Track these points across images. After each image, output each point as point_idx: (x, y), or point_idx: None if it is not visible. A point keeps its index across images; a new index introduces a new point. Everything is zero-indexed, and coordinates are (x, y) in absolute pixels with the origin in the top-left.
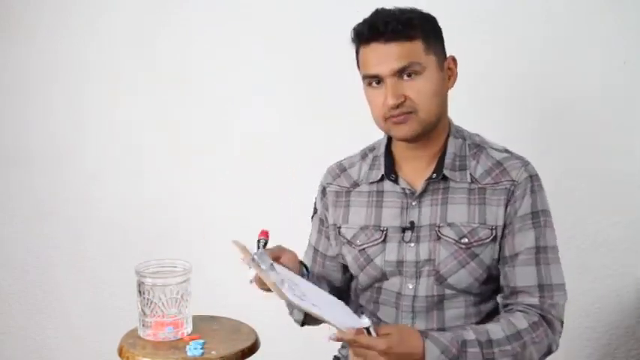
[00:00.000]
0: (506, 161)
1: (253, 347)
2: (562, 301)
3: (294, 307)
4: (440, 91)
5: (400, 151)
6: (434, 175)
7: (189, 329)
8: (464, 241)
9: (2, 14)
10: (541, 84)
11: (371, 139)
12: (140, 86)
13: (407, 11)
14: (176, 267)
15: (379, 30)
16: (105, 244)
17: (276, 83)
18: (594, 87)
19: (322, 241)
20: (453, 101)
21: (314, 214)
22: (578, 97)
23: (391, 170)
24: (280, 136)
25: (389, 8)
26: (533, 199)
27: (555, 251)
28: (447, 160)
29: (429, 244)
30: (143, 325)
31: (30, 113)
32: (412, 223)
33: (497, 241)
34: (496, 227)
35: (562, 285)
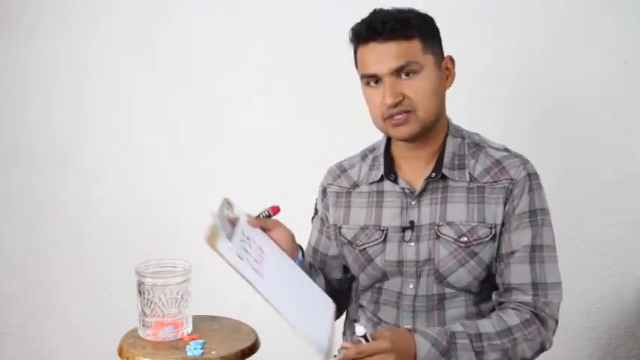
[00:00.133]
0: (505, 160)
1: (253, 347)
2: (556, 300)
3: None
4: (438, 91)
5: (399, 151)
6: (433, 174)
7: (189, 329)
8: (463, 239)
9: (2, 14)
10: (541, 84)
11: (371, 139)
12: (140, 86)
13: (405, 11)
14: (176, 267)
15: (377, 30)
16: (105, 244)
17: (276, 83)
18: (594, 87)
19: (323, 241)
20: (453, 101)
21: (314, 215)
22: (578, 97)
23: (391, 170)
24: (280, 136)
25: (387, 8)
26: (531, 197)
27: (552, 250)
28: (446, 159)
29: (428, 244)
30: (143, 325)
31: (30, 113)
32: (412, 222)
33: (496, 239)
34: (495, 226)
35: (557, 284)
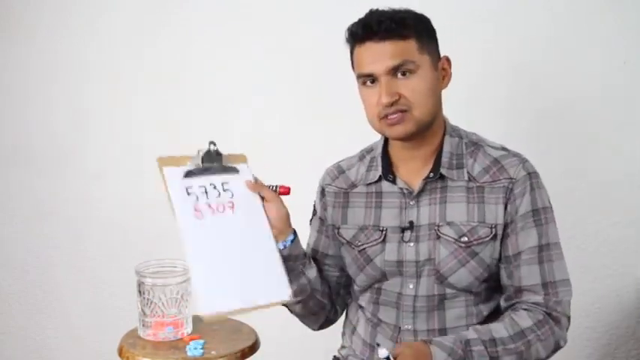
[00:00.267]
0: (503, 159)
1: (253, 347)
2: (567, 297)
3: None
4: (434, 90)
5: (397, 152)
6: (431, 174)
7: (189, 329)
8: (463, 239)
9: (2, 14)
10: (541, 84)
11: (371, 139)
12: (140, 86)
13: (401, 11)
14: (176, 267)
15: (373, 29)
16: (105, 244)
17: (276, 83)
18: (594, 87)
19: (322, 240)
20: (452, 101)
21: (313, 216)
22: (578, 97)
23: (389, 171)
24: (280, 136)
25: (383, 9)
26: (533, 196)
27: (558, 247)
28: (444, 158)
29: (428, 244)
30: (143, 325)
31: (30, 113)
32: (411, 222)
33: (497, 239)
34: (496, 226)
35: (566, 280)
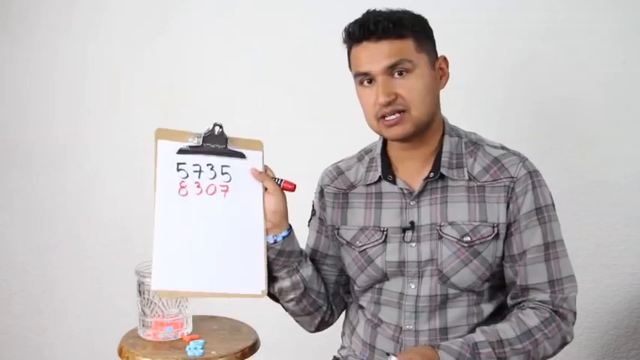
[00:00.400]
0: (503, 158)
1: (253, 347)
2: (573, 293)
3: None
4: (431, 90)
5: (396, 152)
6: (431, 174)
7: (189, 329)
8: (466, 239)
9: (2, 14)
10: (540, 84)
11: (370, 139)
12: (140, 86)
13: (398, 12)
14: None
15: (370, 29)
16: (105, 244)
17: (275, 83)
18: (594, 87)
19: (322, 241)
20: (451, 101)
21: (312, 217)
22: (577, 98)
23: (388, 171)
24: (280, 136)
25: (380, 9)
26: (535, 195)
27: (562, 244)
28: (444, 158)
29: (430, 244)
30: (143, 325)
31: (30, 113)
32: (412, 223)
33: (499, 238)
34: (498, 225)
35: (572, 277)
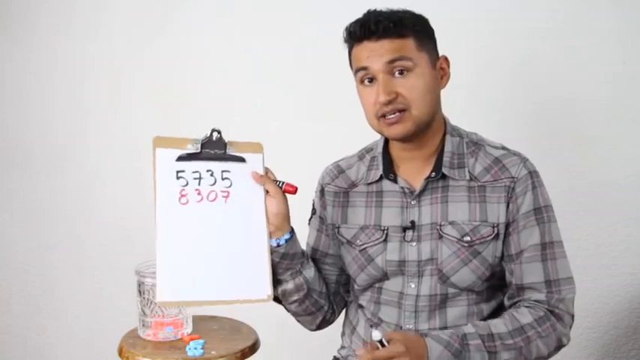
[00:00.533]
0: (504, 158)
1: (253, 347)
2: (570, 295)
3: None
4: (432, 89)
5: (397, 152)
6: (433, 173)
7: (189, 329)
8: (466, 239)
9: (2, 14)
10: (540, 84)
11: (371, 139)
12: (139, 86)
13: (399, 11)
14: None
15: (370, 29)
16: (105, 244)
17: (275, 83)
18: (594, 87)
19: (322, 240)
20: (451, 101)
21: (312, 215)
22: (577, 98)
23: (390, 170)
24: (280, 136)
25: (381, 9)
26: (535, 195)
27: (561, 246)
28: (445, 158)
29: (430, 243)
30: (143, 325)
31: (30, 113)
32: (413, 222)
33: (499, 238)
34: (498, 225)
35: (569, 279)
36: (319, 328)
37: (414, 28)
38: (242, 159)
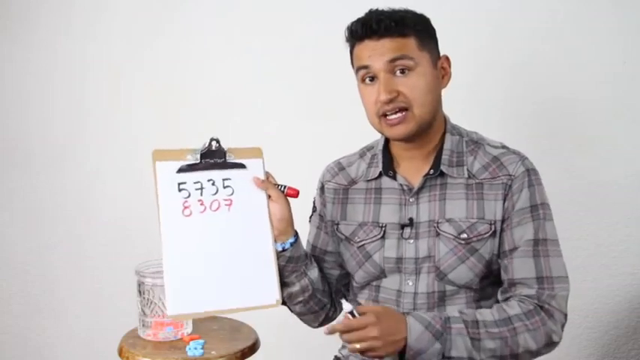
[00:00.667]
0: (503, 156)
1: (253, 347)
2: (563, 293)
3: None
4: (433, 88)
5: (397, 150)
6: (431, 171)
7: (189, 329)
8: (463, 236)
9: (2, 14)
10: (540, 84)
11: (371, 139)
12: (139, 86)
13: (400, 11)
14: None
15: (372, 28)
16: (105, 244)
17: (275, 83)
18: (594, 87)
19: (322, 237)
20: (451, 101)
21: (312, 213)
22: (577, 98)
23: (389, 167)
24: (280, 137)
25: (382, 8)
26: (532, 192)
27: (556, 244)
28: (444, 156)
29: (428, 241)
30: (143, 325)
31: (30, 113)
32: (411, 219)
33: (496, 235)
34: (495, 222)
35: (563, 278)
36: (322, 324)
37: (416, 28)
38: (242, 165)
